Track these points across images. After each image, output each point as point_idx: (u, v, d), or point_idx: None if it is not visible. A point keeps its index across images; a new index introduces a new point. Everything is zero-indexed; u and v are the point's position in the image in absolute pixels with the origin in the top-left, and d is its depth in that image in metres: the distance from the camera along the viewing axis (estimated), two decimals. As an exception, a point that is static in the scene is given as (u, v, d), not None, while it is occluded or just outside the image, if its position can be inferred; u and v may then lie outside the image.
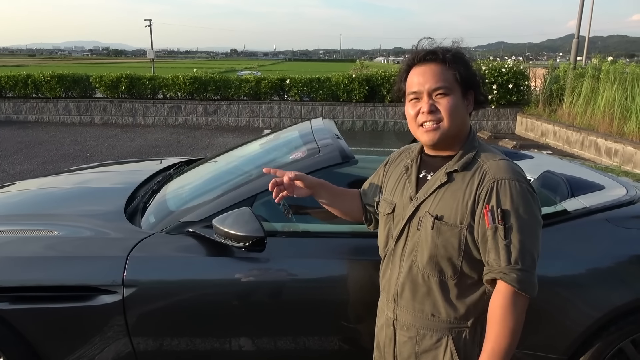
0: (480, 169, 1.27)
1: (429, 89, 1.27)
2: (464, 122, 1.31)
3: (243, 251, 1.77)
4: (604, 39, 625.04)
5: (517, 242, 1.20)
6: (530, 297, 1.22)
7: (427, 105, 1.27)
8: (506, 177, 1.23)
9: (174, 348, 1.91)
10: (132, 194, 2.53)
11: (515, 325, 1.22)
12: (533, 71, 11.99)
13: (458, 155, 1.31)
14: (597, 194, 2.15)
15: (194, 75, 11.77)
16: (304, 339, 1.94)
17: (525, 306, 1.23)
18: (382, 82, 11.38)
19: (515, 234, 1.20)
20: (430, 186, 1.33)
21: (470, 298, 1.31)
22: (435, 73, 1.27)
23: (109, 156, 7.94)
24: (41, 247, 1.98)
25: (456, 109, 1.27)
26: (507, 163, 1.27)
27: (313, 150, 2.11)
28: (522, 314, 1.23)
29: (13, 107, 11.81)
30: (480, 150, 1.31)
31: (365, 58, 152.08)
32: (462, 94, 1.29)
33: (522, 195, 1.22)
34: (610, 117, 8.71)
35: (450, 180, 1.30)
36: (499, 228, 1.20)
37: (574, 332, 1.87)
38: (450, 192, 1.29)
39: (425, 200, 1.32)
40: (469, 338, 1.33)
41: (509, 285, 1.20)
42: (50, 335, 1.87)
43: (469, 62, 1.30)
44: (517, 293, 1.20)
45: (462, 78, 1.27)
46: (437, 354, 1.33)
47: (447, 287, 1.31)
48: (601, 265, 1.90)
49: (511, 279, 1.20)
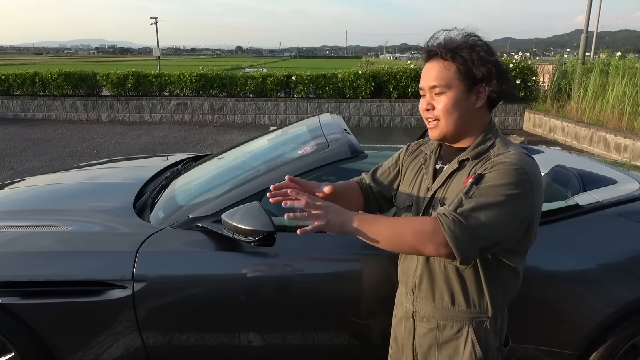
0: (488, 157, 1.26)
1: (428, 86, 1.29)
2: (468, 117, 1.28)
3: (252, 246, 1.77)
4: (612, 34, 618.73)
5: (475, 202, 1.14)
6: (459, 261, 1.15)
7: (425, 103, 1.31)
8: (506, 160, 1.20)
9: (183, 343, 1.91)
10: (140, 189, 2.53)
11: (395, 236, 1.17)
12: (541, 67, 11.90)
13: (472, 146, 1.30)
14: (610, 188, 2.12)
15: (200, 73, 11.78)
16: (313, 334, 1.93)
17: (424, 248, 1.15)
18: (389, 79, 11.33)
19: (478, 196, 1.15)
20: (443, 175, 1.33)
21: (491, 287, 1.29)
22: (434, 70, 1.27)
23: (116, 153, 7.97)
24: (51, 242, 1.99)
25: (453, 107, 1.26)
26: (519, 155, 1.22)
27: (322, 144, 2.10)
28: (413, 243, 1.16)
29: (21, 105, 11.89)
30: (497, 142, 1.29)
31: (371, 55, 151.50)
32: (467, 89, 1.25)
33: (511, 174, 1.16)
34: (620, 112, 8.63)
35: (460, 168, 1.30)
36: (467, 186, 1.18)
37: (587, 328, 1.85)
38: (457, 178, 1.29)
39: (438, 189, 1.33)
40: (490, 328, 1.32)
41: (437, 221, 1.14)
42: (61, 330, 1.88)
43: (473, 57, 1.24)
44: (436, 230, 1.12)
45: (464, 73, 1.24)
46: (458, 344, 1.32)
47: (464, 276, 1.29)
48: (614, 260, 1.88)
49: (444, 220, 1.13)
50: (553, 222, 1.90)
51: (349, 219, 1.19)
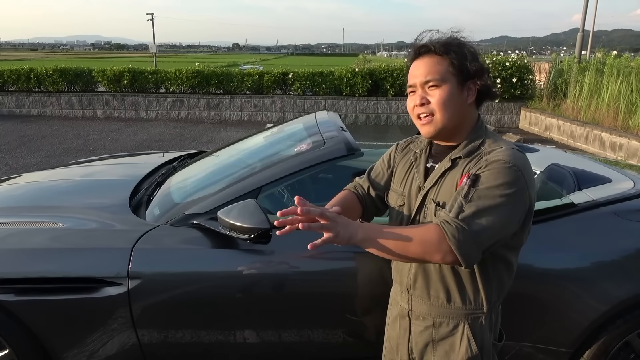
0: (480, 154, 1.26)
1: (421, 82, 1.28)
2: (461, 112, 1.29)
3: (248, 243, 1.77)
4: (608, 33, 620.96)
5: (475, 207, 1.16)
6: (463, 265, 1.16)
7: (419, 97, 1.28)
8: (499, 158, 1.21)
9: (178, 340, 1.91)
10: (136, 186, 2.52)
11: (401, 246, 1.16)
12: (537, 65, 11.93)
13: (463, 144, 1.31)
14: (604, 187, 2.13)
15: (196, 69, 11.75)
16: (309, 331, 1.93)
17: (431, 258, 1.16)
18: (385, 76, 11.34)
19: (477, 201, 1.16)
20: (435, 174, 1.33)
21: (486, 283, 1.30)
22: (427, 65, 1.27)
23: (112, 150, 7.94)
24: (46, 239, 1.98)
25: (449, 101, 1.26)
26: (510, 150, 1.23)
27: (318, 142, 2.10)
28: (419, 252, 1.16)
29: (16, 101, 11.82)
30: (487, 139, 1.30)
31: (368, 52, 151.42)
32: (460, 85, 1.27)
33: (506, 173, 1.17)
34: (615, 111, 8.67)
35: (453, 166, 1.30)
36: (464, 188, 1.19)
37: (581, 326, 1.86)
38: (450, 177, 1.29)
39: (430, 189, 1.32)
40: (485, 324, 1.33)
41: (441, 230, 1.14)
42: (56, 327, 1.87)
43: (464, 52, 1.27)
44: (441, 239, 1.13)
45: (457, 68, 1.26)
46: (454, 341, 1.33)
47: (459, 273, 1.30)
48: (608, 259, 1.89)
49: (448, 229, 1.13)
50: (548, 220, 1.90)
51: (356, 231, 1.17)
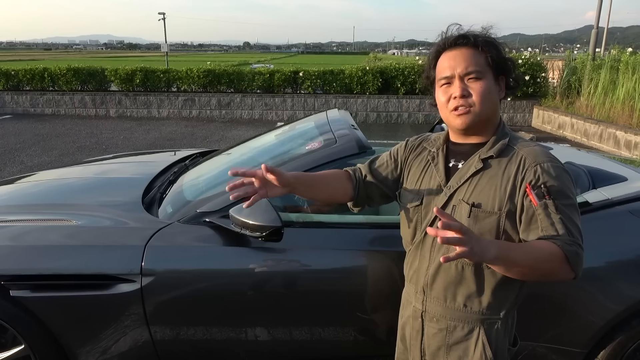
0: (516, 154, 1.25)
1: (460, 73, 1.23)
2: (496, 107, 1.28)
3: (260, 241, 1.77)
4: (623, 30, 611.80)
5: (570, 218, 1.17)
6: (574, 278, 1.16)
7: (460, 89, 1.23)
8: (546, 160, 1.22)
9: (191, 337, 1.93)
10: (149, 184, 2.55)
11: (535, 264, 1.11)
12: (550, 63, 11.79)
13: (491, 142, 1.28)
14: (619, 186, 2.10)
15: (207, 68, 11.80)
16: (320, 329, 1.94)
17: (556, 276, 1.15)
18: (396, 75, 11.28)
19: (566, 211, 1.17)
20: (464, 174, 1.29)
21: (504, 288, 1.28)
22: (467, 57, 1.24)
23: (124, 148, 8.02)
24: (61, 236, 2.00)
25: (489, 93, 1.24)
26: (543, 149, 1.26)
27: (329, 140, 2.10)
28: (545, 272, 1.14)
29: (30, 100, 11.98)
30: (512, 138, 1.29)
31: (379, 51, 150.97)
32: (494, 79, 1.26)
33: (565, 176, 1.22)
34: (631, 108, 8.54)
35: (486, 167, 1.26)
36: (549, 203, 1.17)
37: (596, 326, 1.84)
38: (487, 178, 1.25)
39: (458, 188, 1.28)
40: (501, 329, 1.31)
41: (562, 252, 1.12)
42: (70, 323, 1.90)
43: (500, 47, 1.26)
44: (562, 258, 1.12)
45: (494, 62, 1.24)
46: (468, 346, 1.31)
47: (483, 276, 1.27)
48: (623, 258, 1.87)
49: (570, 252, 1.12)
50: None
51: (489, 247, 1.05)
